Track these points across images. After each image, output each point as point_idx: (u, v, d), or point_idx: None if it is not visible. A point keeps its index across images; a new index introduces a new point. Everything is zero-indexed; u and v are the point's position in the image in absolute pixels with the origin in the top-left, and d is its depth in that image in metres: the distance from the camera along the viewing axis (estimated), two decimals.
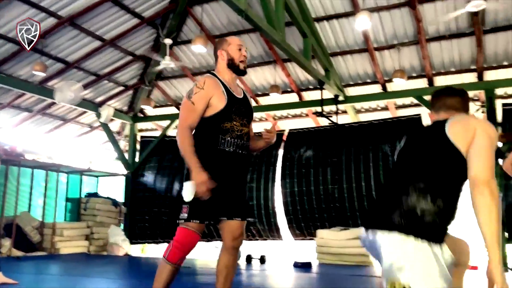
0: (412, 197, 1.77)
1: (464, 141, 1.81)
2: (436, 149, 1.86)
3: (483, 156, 1.76)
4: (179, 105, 9.67)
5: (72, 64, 7.69)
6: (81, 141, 10.48)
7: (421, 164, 1.87)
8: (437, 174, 1.82)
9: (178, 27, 8.08)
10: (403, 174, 1.89)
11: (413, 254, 1.69)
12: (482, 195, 1.68)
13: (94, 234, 8.21)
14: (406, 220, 1.73)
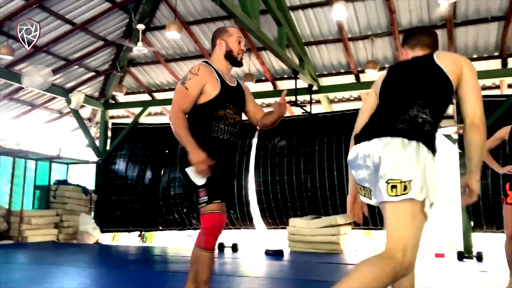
0: (413, 110, 1.85)
1: (454, 74, 1.92)
2: (429, 75, 1.95)
3: (478, 95, 1.93)
4: (152, 92, 9.61)
5: (40, 48, 7.47)
6: (51, 128, 10.24)
7: (418, 85, 1.94)
8: (433, 94, 1.91)
9: (151, 12, 7.94)
10: (399, 95, 1.95)
11: (415, 154, 1.75)
12: (479, 133, 1.88)
13: (64, 222, 8.06)
14: (410, 126, 1.80)
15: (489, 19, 6.73)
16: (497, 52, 7.17)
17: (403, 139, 1.76)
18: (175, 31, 6.64)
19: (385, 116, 1.91)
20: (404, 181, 1.71)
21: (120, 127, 9.24)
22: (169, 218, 8.42)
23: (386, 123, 1.86)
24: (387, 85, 2.08)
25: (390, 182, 1.73)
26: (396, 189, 1.72)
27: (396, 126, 1.81)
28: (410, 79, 2.01)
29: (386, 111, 1.96)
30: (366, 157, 1.85)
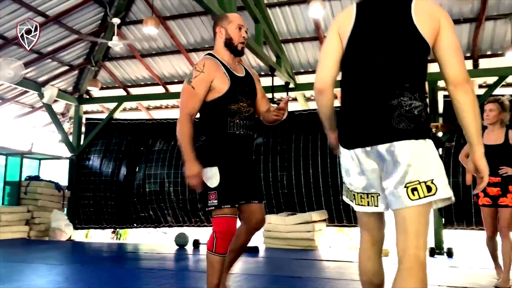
0: (404, 98, 1.68)
1: (431, 33, 1.71)
2: (407, 39, 1.73)
3: (459, 54, 1.74)
4: (127, 87, 9.49)
5: (11, 40, 7.28)
6: (22, 122, 10.00)
7: (399, 58, 1.73)
8: (416, 70, 1.75)
9: (127, 6, 7.84)
10: (380, 72, 1.74)
11: (427, 152, 1.67)
12: (467, 93, 1.69)
13: (35, 218, 7.89)
14: (411, 123, 1.65)
15: (461, 20, 6.88)
16: (468, 53, 7.33)
17: (410, 140, 1.65)
18: (152, 27, 6.58)
19: (376, 109, 1.71)
20: (423, 181, 1.62)
21: (94, 123, 9.09)
22: (144, 215, 8.34)
23: (382, 121, 1.68)
24: (360, 46, 1.80)
25: (409, 186, 1.62)
26: (417, 191, 1.62)
27: (396, 126, 1.66)
28: (387, 45, 1.75)
29: (372, 98, 1.73)
30: (368, 162, 1.73)
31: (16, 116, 9.74)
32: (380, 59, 1.74)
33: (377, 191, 1.76)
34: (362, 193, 1.80)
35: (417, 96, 1.69)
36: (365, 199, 1.80)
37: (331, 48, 1.88)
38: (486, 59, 7.38)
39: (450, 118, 6.94)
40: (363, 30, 1.81)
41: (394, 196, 1.66)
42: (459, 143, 6.77)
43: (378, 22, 1.80)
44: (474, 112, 1.70)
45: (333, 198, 7.34)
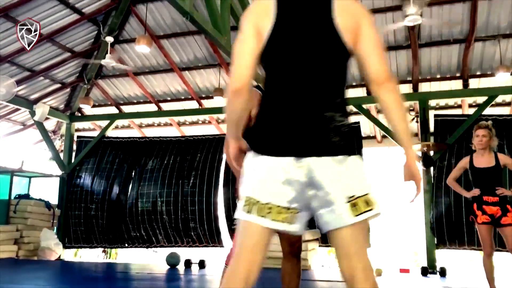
0: (337, 112, 1.59)
1: (352, 35, 1.61)
2: (330, 49, 1.62)
3: (380, 52, 1.64)
4: (119, 105, 9.47)
5: (4, 58, 7.27)
6: (13, 140, 9.92)
7: (327, 70, 1.63)
8: (342, 80, 1.66)
9: (121, 25, 7.88)
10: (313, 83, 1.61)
11: (361, 168, 1.61)
12: (392, 91, 1.61)
13: (24, 237, 7.77)
14: (343, 138, 1.57)
15: (451, 41, 7.00)
16: (458, 73, 7.44)
17: (347, 156, 1.56)
18: (144, 45, 6.60)
19: (310, 119, 1.58)
20: (360, 195, 1.54)
21: (86, 140, 9.04)
22: (136, 234, 8.24)
23: (318, 133, 1.56)
24: (284, 47, 1.65)
25: (350, 201, 1.52)
26: (357, 207, 1.53)
27: (333, 140, 1.55)
28: (313, 50, 1.63)
29: (305, 107, 1.59)
30: (298, 173, 1.54)
31: (7, 133, 9.67)
32: (308, 65, 1.62)
33: (298, 207, 1.55)
34: (282, 206, 1.53)
35: (345, 112, 1.62)
36: (283, 214, 1.53)
37: (249, 45, 1.68)
38: (476, 79, 7.49)
39: (441, 137, 7.00)
40: (285, 31, 1.66)
41: (334, 213, 1.52)
42: (450, 162, 6.81)
43: (300, 24, 1.66)
44: (402, 111, 1.63)
45: None
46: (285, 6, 1.67)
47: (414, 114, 8.13)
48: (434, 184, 6.87)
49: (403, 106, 1.63)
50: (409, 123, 1.66)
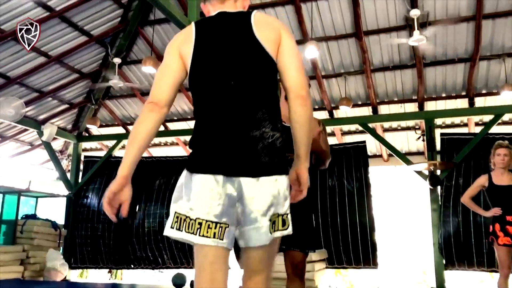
0: (266, 128, 1.59)
1: (273, 46, 1.65)
2: (255, 61, 1.64)
3: (298, 63, 1.68)
4: (126, 125, 9.53)
5: (14, 79, 7.37)
6: (21, 160, 9.99)
7: (252, 84, 1.63)
8: (270, 94, 1.67)
9: (128, 46, 7.98)
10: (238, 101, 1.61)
11: (286, 188, 1.62)
12: (306, 105, 1.64)
13: (30, 258, 7.76)
14: (275, 157, 1.58)
15: (456, 60, 7.03)
16: (464, 92, 7.44)
17: (275, 176, 1.57)
18: (151, 66, 6.68)
19: (239, 140, 1.57)
20: (281, 214, 1.59)
21: (93, 160, 9.09)
22: (141, 255, 8.20)
23: (247, 154, 1.55)
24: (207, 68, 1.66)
25: (272, 219, 1.56)
26: (275, 225, 1.58)
27: (262, 160, 1.55)
28: (237, 66, 1.64)
29: (233, 127, 1.58)
30: (229, 188, 1.54)
31: (14, 154, 9.74)
32: (234, 82, 1.62)
33: (228, 222, 1.54)
34: (211, 221, 1.52)
35: (275, 125, 1.61)
36: (212, 230, 1.52)
37: (170, 68, 1.72)
38: (482, 97, 7.49)
39: (448, 156, 6.97)
40: (207, 51, 1.68)
41: (257, 231, 1.56)
42: (458, 181, 6.77)
43: (221, 41, 1.69)
44: (310, 126, 1.66)
45: (332, 239, 7.20)
46: (204, 28, 1.72)
47: (420, 133, 8.12)
48: (442, 203, 6.81)
49: (312, 121, 1.66)
50: (311, 138, 1.70)
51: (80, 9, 6.68)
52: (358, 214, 7.13)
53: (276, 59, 1.66)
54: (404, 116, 7.80)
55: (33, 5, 6.20)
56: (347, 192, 7.27)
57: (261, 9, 6.91)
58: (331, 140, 8.86)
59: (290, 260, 2.67)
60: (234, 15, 1.73)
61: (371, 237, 7.01)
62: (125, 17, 7.46)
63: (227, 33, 1.69)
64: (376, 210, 7.24)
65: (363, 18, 6.71)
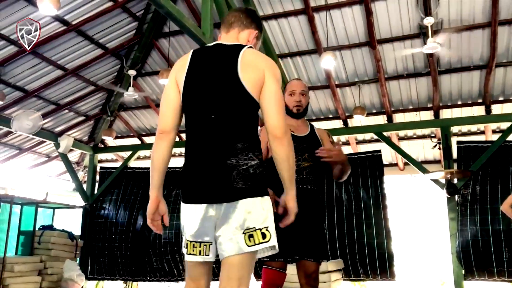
0: (240, 158, 1.79)
1: (256, 87, 1.82)
2: (236, 100, 1.83)
3: (278, 105, 1.83)
4: (142, 136, 9.61)
5: (31, 92, 7.51)
6: (38, 172, 10.13)
7: (231, 120, 1.83)
8: (248, 127, 1.85)
9: (143, 58, 8.07)
10: (217, 133, 1.82)
11: (263, 207, 1.80)
12: (283, 145, 1.81)
13: (48, 269, 7.82)
14: (248, 182, 1.77)
15: (471, 67, 6.96)
16: (480, 99, 7.36)
17: (248, 199, 1.77)
18: (166, 78, 6.74)
19: (216, 168, 1.79)
20: (259, 228, 1.75)
21: (108, 171, 9.17)
22: (158, 267, 8.19)
23: (223, 181, 1.77)
24: (193, 98, 1.88)
25: (247, 232, 1.74)
26: (253, 238, 1.74)
27: (236, 186, 1.76)
28: (219, 102, 1.84)
29: (212, 157, 1.81)
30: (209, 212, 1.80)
31: (32, 165, 9.89)
32: (215, 116, 1.83)
33: (211, 240, 1.82)
34: (195, 241, 1.84)
35: (252, 154, 1.80)
36: (197, 248, 1.84)
37: (168, 96, 1.94)
38: (499, 104, 7.39)
39: (464, 164, 6.88)
40: (195, 83, 1.89)
41: (232, 242, 1.75)
42: (475, 189, 6.68)
43: (207, 76, 1.88)
44: (289, 163, 1.84)
45: (348, 250, 7.10)
46: (197, 60, 1.92)
47: (436, 141, 8.04)
48: (459, 212, 6.71)
49: (291, 159, 1.85)
50: (293, 170, 1.87)
51: (96, 23, 6.79)
52: (374, 224, 7.04)
53: (259, 99, 1.83)
54: (419, 124, 7.73)
55: (50, 19, 6.31)
56: (362, 202, 7.20)
57: (274, 20, 6.96)
58: (346, 149, 8.81)
59: (303, 270, 2.71)
60: (227, 50, 1.90)
61: (388, 248, 6.92)
62: (140, 29, 7.56)
63: (214, 69, 1.88)
64: (392, 220, 7.16)
65: (377, 27, 6.69)
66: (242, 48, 1.88)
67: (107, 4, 6.58)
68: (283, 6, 6.78)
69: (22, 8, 5.91)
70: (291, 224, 2.60)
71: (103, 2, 6.52)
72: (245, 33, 2.02)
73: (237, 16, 2.04)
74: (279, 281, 2.64)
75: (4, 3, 5.73)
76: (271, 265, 2.63)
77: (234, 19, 2.03)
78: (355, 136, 8.65)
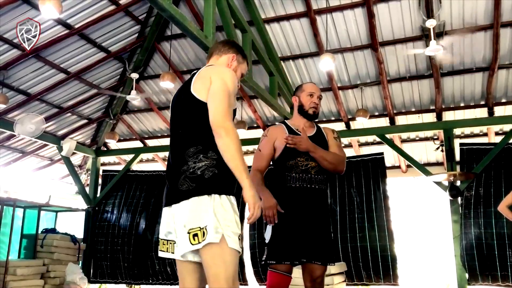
0: (190, 162, 1.96)
1: (205, 92, 2.00)
2: (191, 112, 2.04)
3: (216, 100, 1.95)
4: (144, 139, 9.62)
5: (34, 96, 7.53)
6: (41, 175, 10.14)
7: (185, 130, 2.05)
8: (203, 133, 1.98)
9: (145, 62, 8.09)
10: (178, 145, 2.06)
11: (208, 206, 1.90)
12: (220, 137, 1.90)
13: (50, 272, 7.83)
14: (193, 183, 1.93)
15: (474, 69, 6.95)
16: (483, 101, 7.35)
17: (192, 198, 1.92)
18: (169, 81, 6.75)
19: (172, 175, 2.06)
20: (202, 227, 1.87)
21: (111, 174, 9.17)
22: (160, 269, 8.19)
23: (173, 185, 2.02)
24: (171, 118, 2.23)
25: (191, 232, 1.89)
26: (197, 237, 1.87)
27: (181, 188, 1.96)
28: (178, 123, 2.14)
29: (172, 165, 2.09)
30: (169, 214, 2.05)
31: (35, 169, 9.90)
32: (182, 131, 2.07)
33: (174, 239, 2.02)
34: (163, 239, 2.08)
35: (202, 157, 1.96)
36: (165, 245, 2.06)
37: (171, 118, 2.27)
38: (501, 106, 7.39)
39: (467, 166, 6.86)
40: (171, 109, 2.22)
41: (182, 241, 1.93)
42: (478, 191, 6.65)
43: (176, 98, 2.20)
44: (230, 153, 1.90)
45: (351, 254, 7.06)
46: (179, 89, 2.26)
47: (439, 143, 8.02)
48: (462, 215, 6.68)
49: (232, 147, 1.89)
50: (240, 159, 1.90)
51: (98, 26, 6.80)
52: (376, 227, 7.02)
53: None
54: (422, 127, 7.72)
55: (53, 23, 6.33)
56: (365, 205, 7.18)
57: (276, 23, 6.96)
58: (349, 151, 8.80)
59: (309, 273, 2.70)
60: (193, 74, 2.18)
61: (391, 250, 6.89)
62: (142, 33, 7.58)
63: (181, 91, 2.18)
64: (395, 222, 7.14)
65: (379, 29, 6.69)
66: (198, 71, 2.15)
67: (109, 7, 6.59)
68: (285, 9, 6.78)
69: (25, 12, 5.92)
70: (298, 226, 2.64)
71: (105, 5, 6.53)
72: (223, 58, 2.26)
73: (215, 46, 2.32)
74: (284, 285, 2.62)
75: (6, 7, 5.74)
76: (277, 268, 2.62)
77: (213, 49, 2.31)
78: (357, 138, 8.64)
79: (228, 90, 1.98)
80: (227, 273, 1.84)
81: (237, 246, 1.89)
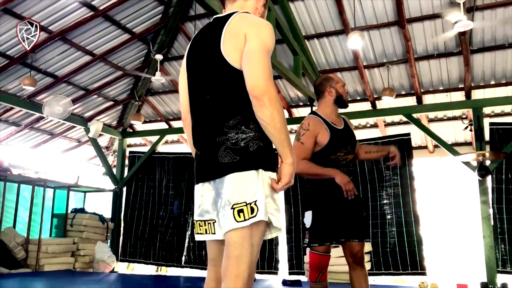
0: (231, 133, 1.70)
1: (238, 54, 1.69)
2: (221, 75, 1.74)
3: (255, 62, 1.65)
4: (169, 120, 9.69)
5: (61, 78, 7.65)
6: (69, 156, 10.37)
7: (215, 97, 1.76)
8: (240, 102, 1.71)
9: (169, 43, 8.09)
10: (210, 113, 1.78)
11: (254, 180, 1.68)
12: (264, 106, 1.63)
13: (80, 250, 8.06)
14: (236, 156, 1.69)
15: (506, 45, 6.71)
16: None
17: (236, 173, 1.68)
18: None
19: (206, 147, 1.78)
20: (249, 202, 1.65)
21: (137, 156, 9.30)
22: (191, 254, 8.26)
23: (211, 158, 1.74)
24: (190, 82, 1.91)
25: (236, 207, 1.66)
26: (243, 213, 1.65)
27: (222, 161, 1.71)
28: (203, 79, 1.81)
29: (204, 136, 1.80)
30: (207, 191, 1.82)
31: (63, 150, 10.12)
32: (209, 96, 1.78)
33: (213, 217, 1.80)
34: (200, 220, 1.84)
35: (246, 127, 1.71)
36: (203, 227, 1.82)
37: (181, 83, 2.01)
38: None
39: (497, 146, 6.69)
40: (189, 64, 1.91)
41: (224, 218, 1.69)
42: (508, 172, 6.49)
43: (195, 58, 1.88)
44: (274, 126, 1.65)
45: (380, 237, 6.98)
46: (194, 41, 1.93)
47: (468, 123, 7.83)
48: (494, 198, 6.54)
49: (277, 120, 1.66)
50: (284, 132, 1.70)
51: (122, 7, 6.83)
52: (402, 209, 6.94)
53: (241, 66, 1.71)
54: (450, 106, 7.53)
55: (78, 5, 6.38)
56: (392, 187, 7.09)
57: (300, 0, 6.84)
58: (374, 132, 8.69)
59: (350, 250, 2.93)
60: (218, 22, 1.81)
61: (417, 232, 6.81)
62: (166, 13, 7.57)
63: (202, 47, 1.85)
64: (421, 204, 7.04)
65: (406, 5, 6.51)
66: (230, 17, 1.76)
67: None
68: None
69: None
70: (337, 211, 2.85)
71: None
72: (252, 1, 1.90)
73: None
74: (325, 263, 2.88)
75: None
76: (318, 250, 2.84)
77: None
78: (383, 118, 8.50)
79: (267, 50, 1.69)
80: (252, 257, 1.66)
81: (279, 224, 1.75)
